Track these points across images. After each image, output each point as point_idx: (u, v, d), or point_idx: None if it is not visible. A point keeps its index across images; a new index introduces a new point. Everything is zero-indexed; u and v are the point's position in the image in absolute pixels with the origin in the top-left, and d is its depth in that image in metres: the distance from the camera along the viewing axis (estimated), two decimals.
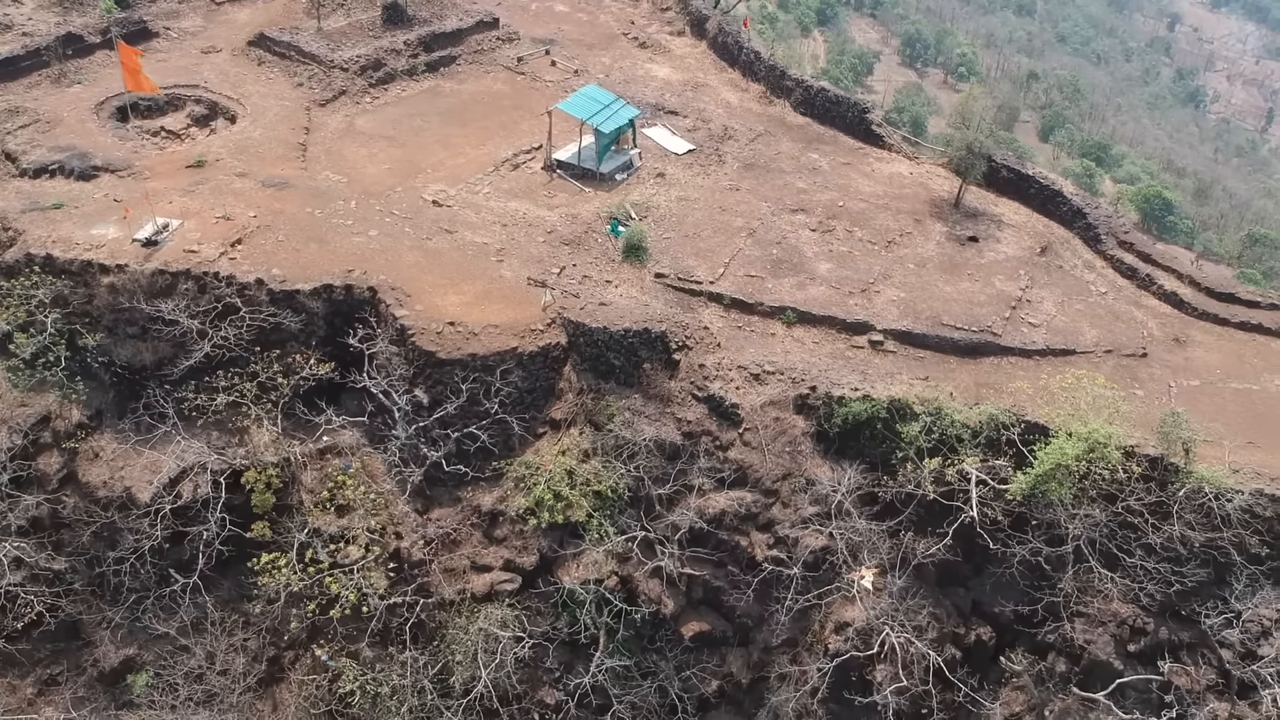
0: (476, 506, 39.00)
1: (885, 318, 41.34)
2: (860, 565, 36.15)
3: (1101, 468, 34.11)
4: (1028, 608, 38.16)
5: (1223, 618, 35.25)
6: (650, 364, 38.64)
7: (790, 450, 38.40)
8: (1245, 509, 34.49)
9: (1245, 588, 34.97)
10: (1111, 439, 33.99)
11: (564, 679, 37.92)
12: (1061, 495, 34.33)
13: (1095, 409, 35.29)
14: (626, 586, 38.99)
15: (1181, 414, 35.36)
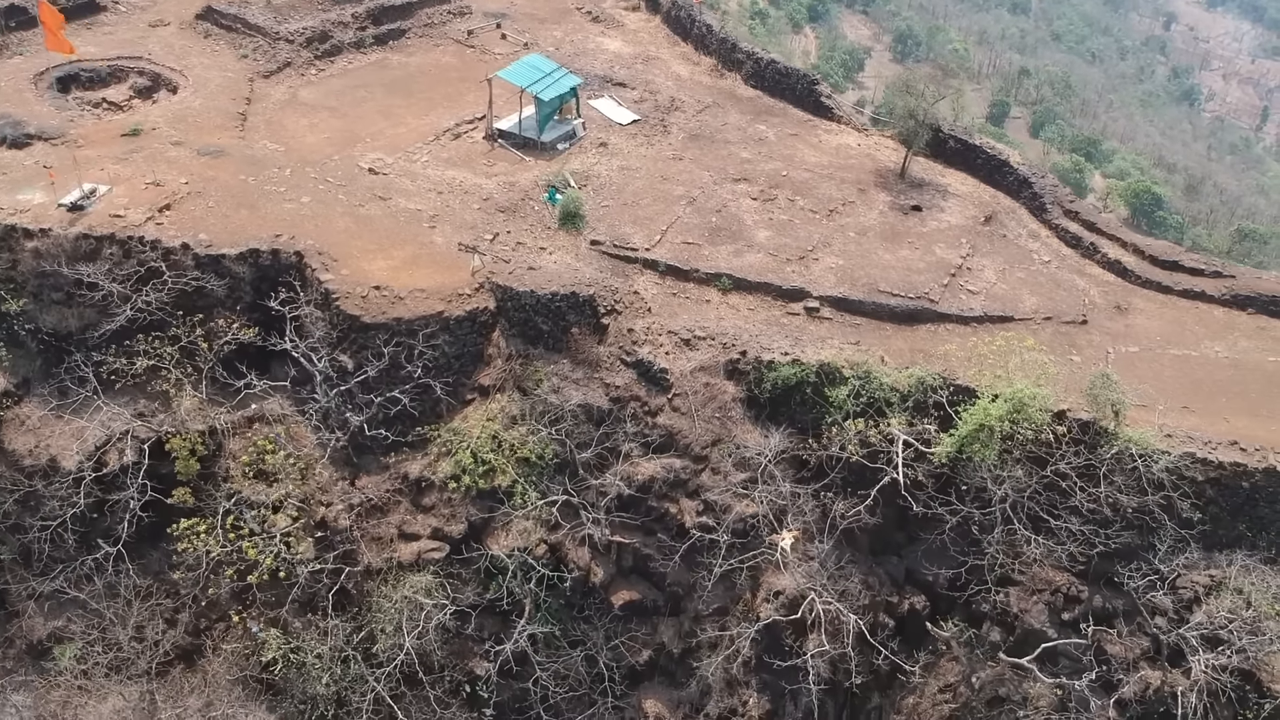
0: (404, 474, 38.44)
1: (822, 285, 40.81)
2: (783, 529, 35.54)
3: (1025, 428, 33.58)
4: (962, 576, 37.69)
5: (1146, 579, 34.68)
6: (578, 328, 38.10)
7: (720, 416, 37.88)
8: (1172, 470, 33.94)
9: (1169, 550, 34.42)
10: (1036, 399, 33.44)
11: (492, 648, 37.33)
12: (985, 457, 33.79)
13: (1023, 371, 34.72)
14: (556, 555, 38.44)
15: (1111, 376, 34.83)
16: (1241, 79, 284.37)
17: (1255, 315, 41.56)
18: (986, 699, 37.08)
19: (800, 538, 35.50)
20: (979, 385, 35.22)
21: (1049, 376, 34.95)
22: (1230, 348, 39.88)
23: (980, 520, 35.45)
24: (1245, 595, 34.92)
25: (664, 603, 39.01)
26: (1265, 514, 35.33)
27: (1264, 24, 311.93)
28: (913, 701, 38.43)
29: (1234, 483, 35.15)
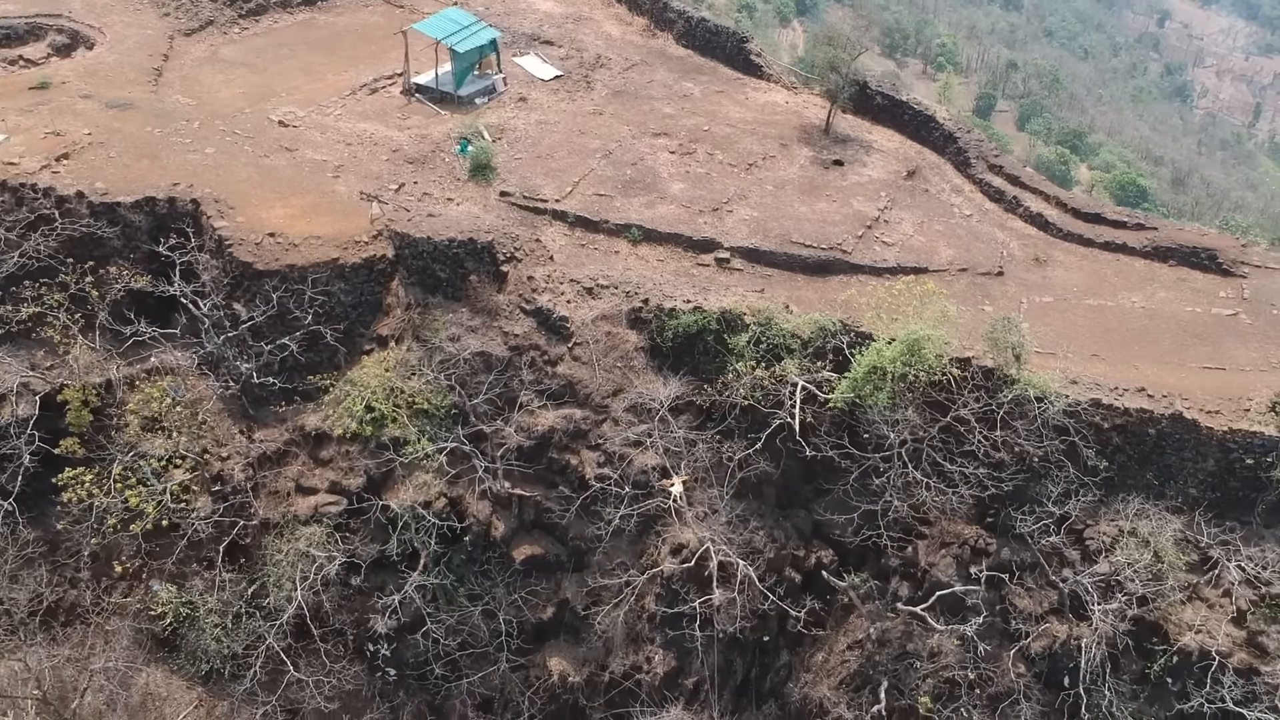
0: (301, 426, 37.57)
1: (734, 236, 40.02)
2: (675, 475, 34.71)
3: (919, 369, 32.73)
4: (869, 529, 36.86)
5: (1041, 525, 33.85)
6: (477, 276, 37.30)
7: (622, 365, 37.09)
8: (1071, 413, 33.13)
9: (1063, 494, 33.61)
10: (930, 341, 32.62)
11: (381, 601, 36.46)
12: (878, 400, 32.95)
13: (922, 315, 33.91)
14: (456, 508, 37.64)
15: (1012, 319, 34.04)
16: (1235, 76, 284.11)
17: (1176, 267, 40.76)
18: (893, 655, 36.25)
19: (691, 483, 34.63)
20: (877, 330, 34.35)
21: (950, 320, 34.11)
22: (1148, 299, 39.09)
23: (881, 469, 34.60)
24: (1152, 546, 34.11)
25: (567, 558, 38.19)
26: (1172, 462, 34.49)
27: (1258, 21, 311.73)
28: (821, 658, 37.65)
29: (1140, 430, 34.34)
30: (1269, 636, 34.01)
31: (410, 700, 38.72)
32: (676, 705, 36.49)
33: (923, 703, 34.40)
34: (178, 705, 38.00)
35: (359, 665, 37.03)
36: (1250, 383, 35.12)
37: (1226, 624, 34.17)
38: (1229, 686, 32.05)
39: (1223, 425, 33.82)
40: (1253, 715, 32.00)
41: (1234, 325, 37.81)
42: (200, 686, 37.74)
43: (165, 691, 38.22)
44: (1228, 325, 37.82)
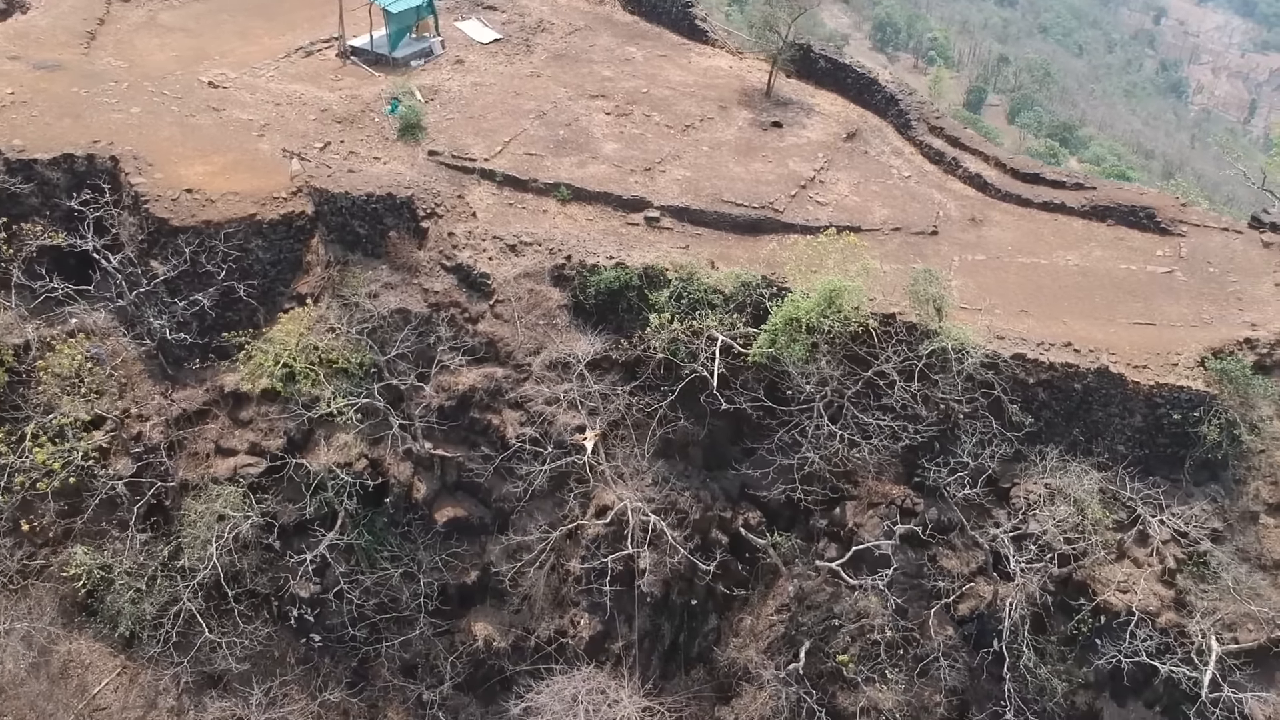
0: (220, 387, 36.96)
1: (665, 195, 39.36)
2: (587, 429, 34.07)
3: (836, 320, 32.09)
4: (797, 490, 36.19)
5: (967, 484, 33.20)
6: (397, 232, 36.64)
7: (544, 323, 36.43)
8: (989, 365, 32.51)
9: (977, 444, 33.00)
10: (847, 292, 31.97)
11: (293, 558, 35.78)
12: (795, 353, 32.30)
13: (843, 268, 33.27)
14: (377, 470, 37.00)
15: (932, 271, 33.43)
16: (1231, 73, 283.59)
17: (1115, 226, 40.11)
18: (820, 617, 35.60)
19: (604, 437, 33.97)
20: (798, 284, 33.72)
21: (871, 273, 33.49)
22: (1084, 257, 38.47)
23: (804, 426, 33.94)
24: (1078, 503, 33.49)
25: (491, 520, 37.51)
26: (1099, 418, 33.86)
27: (1255, 18, 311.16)
28: (749, 622, 36.94)
29: (1066, 385, 33.71)
30: (1196, 595, 33.40)
31: (335, 666, 38.11)
32: (602, 670, 35.79)
33: (842, 661, 33.73)
34: (99, 673, 37.51)
35: (276, 628, 36.46)
36: (1180, 338, 34.50)
37: (1154, 583, 33.59)
38: (1143, 639, 31.33)
39: (1150, 380, 33.20)
40: (1165, 668, 31.35)
41: (1168, 282, 37.19)
42: (123, 654, 37.27)
43: (88, 659, 37.69)
44: (1162, 282, 37.19)
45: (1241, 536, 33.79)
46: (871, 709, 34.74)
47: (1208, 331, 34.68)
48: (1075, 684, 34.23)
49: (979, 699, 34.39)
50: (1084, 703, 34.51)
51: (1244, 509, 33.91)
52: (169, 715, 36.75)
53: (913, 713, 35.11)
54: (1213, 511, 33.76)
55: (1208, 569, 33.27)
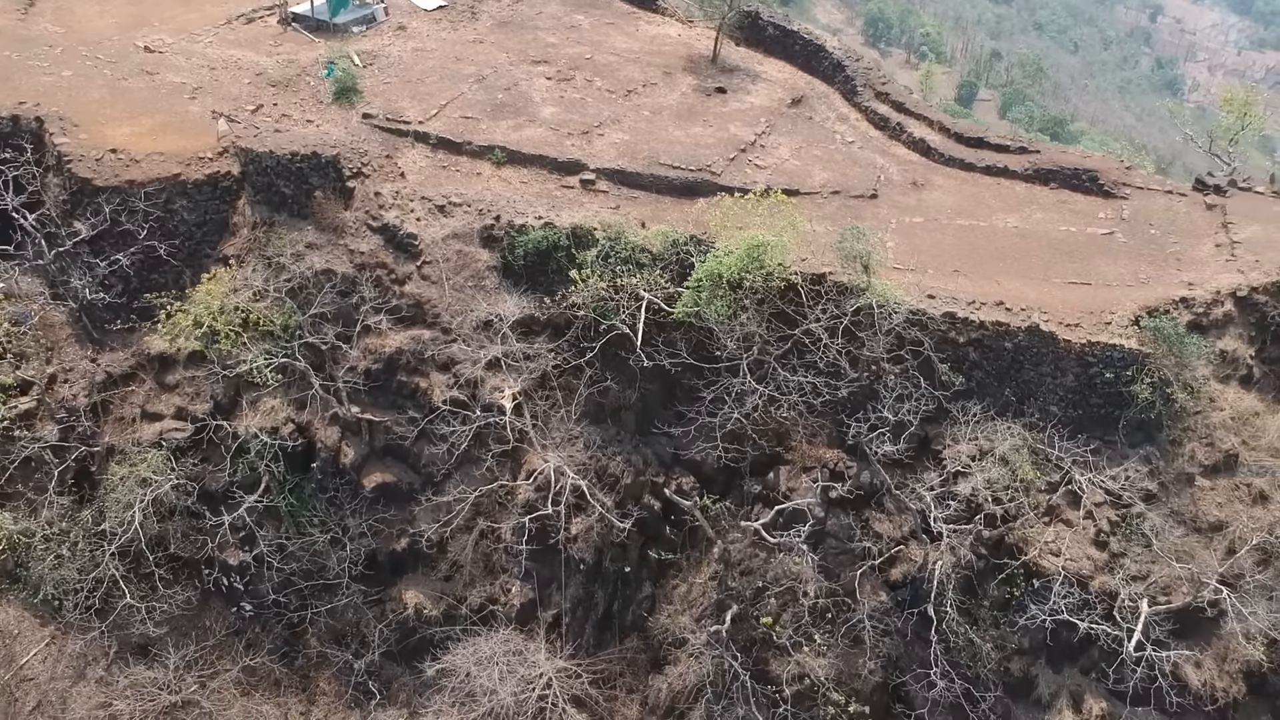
0: (146, 350, 36.47)
1: (601, 158, 38.81)
2: (506, 387, 33.48)
3: (758, 275, 31.52)
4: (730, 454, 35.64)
5: (899, 446, 32.59)
6: (323, 192, 36.07)
7: (473, 285, 35.87)
8: (915, 321, 31.93)
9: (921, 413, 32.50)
10: (770, 247, 31.39)
11: (209, 521, 35.22)
12: (717, 309, 31.71)
13: (770, 225, 32.69)
14: (304, 435, 36.49)
15: (861, 228, 32.78)
16: (1227, 70, 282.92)
17: (1058, 189, 39.52)
18: (754, 584, 34.96)
19: (526, 397, 33.35)
20: (724, 241, 33.13)
21: (798, 230, 32.91)
22: (1024, 219, 37.88)
23: (730, 385, 33.28)
24: (1009, 464, 32.89)
25: (420, 486, 36.91)
26: (1031, 377, 33.26)
27: (1251, 16, 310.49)
28: (684, 590, 36.33)
29: (997, 344, 33.12)
30: (1129, 558, 32.82)
31: (265, 635, 37.58)
32: (523, 634, 35.20)
33: (767, 624, 33.19)
34: (28, 643, 36.95)
35: (205, 596, 35.94)
36: (1116, 297, 33.92)
37: (1087, 545, 33.01)
38: (1075, 602, 30.76)
39: (1082, 338, 32.59)
40: (1084, 623, 30.78)
41: (1107, 244, 36.60)
42: (52, 624, 36.72)
43: (15, 629, 37.12)
44: (1101, 244, 36.60)
45: (1176, 499, 33.21)
46: (803, 675, 34.19)
47: (1144, 291, 34.10)
48: (1009, 649, 33.65)
49: (912, 665, 33.75)
50: (1018, 669, 33.92)
51: (1179, 470, 33.33)
52: (97, 686, 36.13)
53: (845, 679, 34.51)
54: (1146, 473, 33.16)
55: (1141, 531, 32.68)
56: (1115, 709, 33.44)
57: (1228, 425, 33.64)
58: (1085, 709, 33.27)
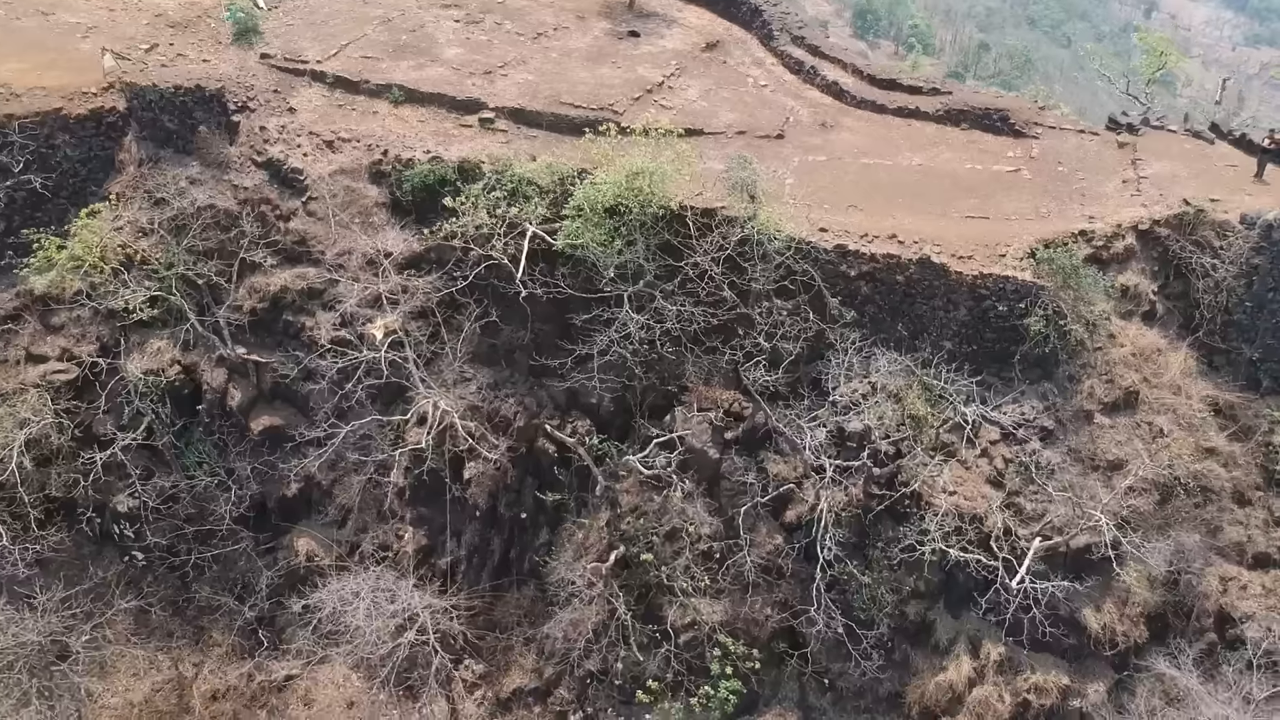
0: (30, 291, 35.49)
1: (502, 97, 37.96)
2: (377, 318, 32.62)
3: (636, 202, 30.65)
4: (625, 397, 34.83)
5: (777, 378, 31.81)
6: (207, 127, 35.21)
7: (360, 221, 35.00)
8: (804, 254, 31.08)
9: (813, 351, 32.08)
10: (649, 174, 30.53)
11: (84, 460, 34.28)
12: (596, 238, 30.85)
13: (657, 156, 31.81)
14: (191, 376, 35.65)
15: (747, 157, 32.00)
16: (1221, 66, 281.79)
17: (968, 130, 38.65)
18: (649, 529, 34.08)
19: (400, 330, 32.44)
20: (598, 165, 32.32)
21: (686, 161, 32.03)
22: (931, 159, 37.02)
23: (616, 316, 32.31)
24: (902, 402, 32.05)
25: (309, 429, 35.96)
26: (923, 312, 32.41)
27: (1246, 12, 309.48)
28: (580, 536, 35.40)
29: (889, 277, 32.28)
30: (1026, 497, 31.96)
31: (159, 585, 36.77)
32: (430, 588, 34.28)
33: (646, 560, 32.40)
34: None
35: (72, 534, 35.05)
36: (1014, 231, 33.05)
37: (982, 484, 32.16)
38: (945, 529, 29.94)
39: (974, 270, 31.71)
40: (956, 553, 29.96)
41: (1012, 180, 35.73)
42: None
43: None
44: (1005, 180, 35.73)
45: (1074, 436, 32.40)
46: (695, 620, 33.37)
47: (1043, 225, 33.23)
48: (904, 592, 32.83)
49: (807, 609, 32.83)
50: (915, 613, 33.14)
51: (1077, 408, 32.50)
52: None
53: (742, 625, 33.76)
54: (1043, 410, 32.34)
55: (1037, 470, 31.83)
56: (1015, 654, 32.67)
57: (1128, 362, 32.82)
58: (983, 654, 32.43)
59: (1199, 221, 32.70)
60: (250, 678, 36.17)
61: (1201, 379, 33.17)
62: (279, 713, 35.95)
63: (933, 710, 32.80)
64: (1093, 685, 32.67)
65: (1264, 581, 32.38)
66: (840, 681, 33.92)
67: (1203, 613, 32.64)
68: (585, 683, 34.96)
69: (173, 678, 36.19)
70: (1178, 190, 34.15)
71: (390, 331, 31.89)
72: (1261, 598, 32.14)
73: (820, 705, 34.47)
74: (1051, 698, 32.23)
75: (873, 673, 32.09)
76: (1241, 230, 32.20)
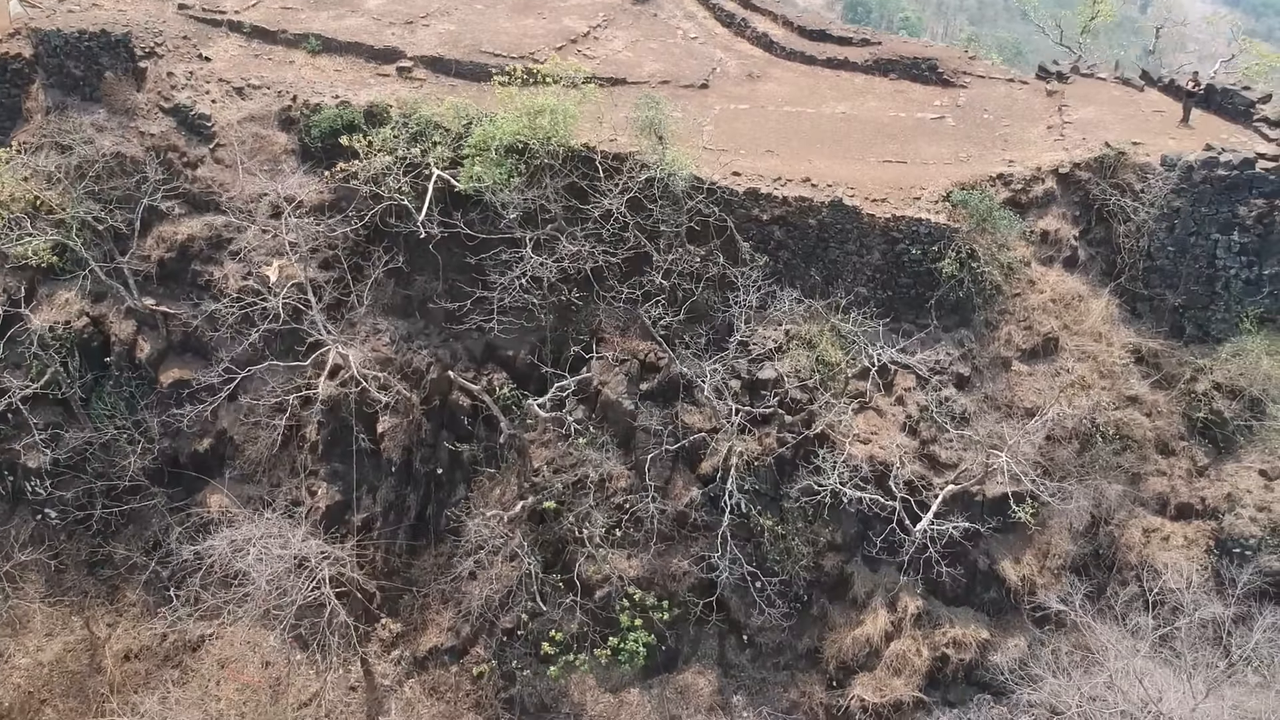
0: None
1: (422, 47, 37.43)
2: (273, 259, 31.94)
3: (535, 139, 29.95)
4: (539, 349, 34.16)
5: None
6: (114, 73, 34.53)
7: (269, 168, 34.30)
8: (712, 194, 30.42)
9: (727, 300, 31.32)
10: (551, 112, 29.85)
11: None
12: (496, 177, 30.14)
13: (563, 97, 31.15)
14: (100, 329, 34.98)
15: (655, 97, 31.29)
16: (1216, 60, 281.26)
17: (897, 80, 37.99)
18: (566, 483, 33.36)
19: (286, 268, 31.78)
20: (501, 105, 31.65)
21: (593, 100, 31.33)
22: (856, 107, 36.32)
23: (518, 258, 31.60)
24: (816, 350, 31.35)
25: (220, 383, 35.17)
26: (837, 257, 31.72)
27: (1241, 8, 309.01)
28: (498, 492, 34.69)
29: (801, 220, 31.60)
30: (940, 445, 31.28)
31: (72, 544, 36.12)
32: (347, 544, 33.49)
33: (548, 507, 31.71)
34: None
35: None
36: (931, 175, 32.37)
37: (897, 433, 31.46)
38: (832, 466, 29.20)
39: (887, 213, 31.01)
40: (852, 493, 29.25)
41: (935, 127, 35.05)
42: None
43: None
44: (928, 127, 35.05)
45: (991, 384, 31.74)
46: (615, 576, 32.65)
47: (962, 169, 32.55)
48: (821, 545, 32.11)
49: (728, 565, 32.06)
50: (833, 566, 32.42)
51: (994, 354, 31.83)
52: None
53: (659, 580, 33.05)
54: (959, 357, 31.65)
55: (952, 418, 31.13)
56: (933, 608, 32.01)
57: (1048, 308, 32.14)
58: (901, 607, 31.71)
59: (1119, 164, 31.99)
60: (164, 637, 35.51)
61: (1124, 326, 32.46)
62: (192, 671, 35.35)
63: (850, 665, 32.11)
64: (1013, 639, 31.99)
65: (1186, 532, 31.69)
66: (760, 638, 33.21)
67: (1124, 564, 31.97)
68: (502, 641, 34.29)
69: (85, 638, 35.52)
70: (1101, 135, 33.45)
71: (286, 273, 31.12)
72: (1183, 549, 31.44)
73: (739, 662, 33.71)
74: (971, 652, 31.56)
75: (778, 620, 31.43)
76: (1162, 172, 31.48)
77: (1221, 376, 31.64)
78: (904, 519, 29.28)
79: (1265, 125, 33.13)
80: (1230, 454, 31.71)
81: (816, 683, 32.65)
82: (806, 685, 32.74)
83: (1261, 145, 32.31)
